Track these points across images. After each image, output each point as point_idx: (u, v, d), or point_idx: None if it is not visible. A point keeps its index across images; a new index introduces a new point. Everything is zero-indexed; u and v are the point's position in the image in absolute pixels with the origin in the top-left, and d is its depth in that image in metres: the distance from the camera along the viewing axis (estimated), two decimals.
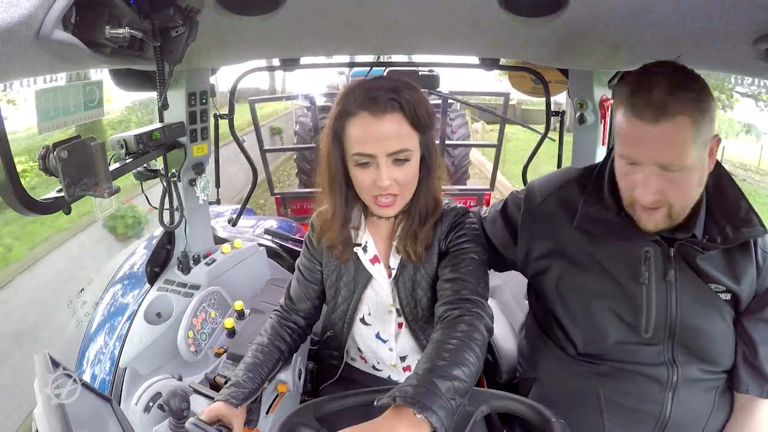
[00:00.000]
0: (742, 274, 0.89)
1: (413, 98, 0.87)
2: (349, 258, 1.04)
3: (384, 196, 0.90)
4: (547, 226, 1.00)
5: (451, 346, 0.77)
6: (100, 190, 0.74)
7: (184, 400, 0.90)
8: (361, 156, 0.87)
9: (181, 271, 1.41)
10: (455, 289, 0.91)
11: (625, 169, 0.85)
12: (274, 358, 1.02)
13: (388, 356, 1.10)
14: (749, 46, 0.76)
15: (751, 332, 0.91)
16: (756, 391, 0.92)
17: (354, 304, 1.06)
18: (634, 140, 0.80)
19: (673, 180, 0.80)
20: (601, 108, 1.52)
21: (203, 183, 1.44)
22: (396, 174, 0.88)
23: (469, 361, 0.75)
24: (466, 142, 5.57)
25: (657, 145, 0.78)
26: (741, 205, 0.88)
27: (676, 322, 0.90)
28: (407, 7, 1.01)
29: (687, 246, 0.88)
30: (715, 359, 0.92)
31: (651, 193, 0.81)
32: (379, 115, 0.85)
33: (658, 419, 0.92)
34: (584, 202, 0.94)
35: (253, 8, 0.97)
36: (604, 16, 0.97)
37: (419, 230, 0.97)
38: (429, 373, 0.71)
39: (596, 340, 0.95)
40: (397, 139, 0.86)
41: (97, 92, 1.07)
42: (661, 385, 0.92)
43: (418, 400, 0.67)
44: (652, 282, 0.90)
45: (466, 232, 0.98)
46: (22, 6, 0.44)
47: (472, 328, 0.82)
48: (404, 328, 1.07)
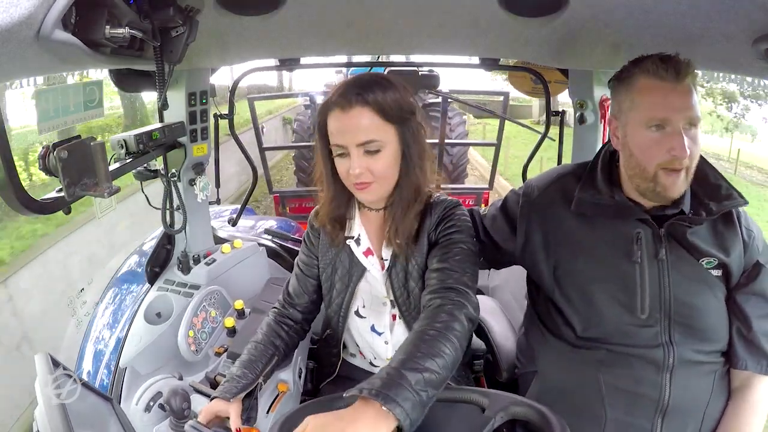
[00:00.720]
0: (730, 247, 0.94)
1: (381, 92, 0.92)
2: (342, 242, 1.06)
3: (358, 183, 0.94)
4: (544, 215, 1.05)
5: (429, 336, 0.79)
6: (100, 190, 0.74)
7: (185, 400, 0.91)
8: (336, 147, 0.94)
9: (181, 271, 1.41)
10: (441, 278, 0.92)
11: (652, 137, 0.89)
12: (268, 353, 1.03)
13: (384, 350, 1.11)
14: (749, 46, 0.76)
15: (743, 306, 0.95)
16: (754, 366, 0.95)
17: (348, 296, 1.08)
18: (664, 100, 0.86)
19: (694, 137, 0.86)
20: (601, 108, 1.52)
21: (203, 183, 1.44)
22: (369, 163, 0.92)
23: (445, 353, 0.76)
24: (465, 141, 5.56)
25: (686, 102, 0.85)
26: (722, 184, 0.95)
27: (670, 300, 0.93)
28: (407, 7, 1.01)
29: (676, 224, 0.93)
30: (711, 337, 0.95)
31: (687, 148, 0.85)
32: (347, 109, 0.91)
33: (658, 403, 0.94)
34: (580, 189, 1.00)
35: (253, 8, 0.97)
36: (604, 16, 0.97)
37: (401, 221, 0.99)
38: (401, 366, 0.72)
39: (594, 324, 0.98)
40: (365, 130, 0.91)
41: (97, 92, 1.07)
42: (658, 368, 0.93)
43: (383, 392, 0.68)
44: (644, 261, 0.94)
45: (455, 223, 1.00)
46: (22, 6, 0.44)
47: (452, 318, 0.83)
48: (398, 319, 1.08)
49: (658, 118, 0.87)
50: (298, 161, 5.71)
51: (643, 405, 0.95)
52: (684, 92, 0.85)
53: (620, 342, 0.96)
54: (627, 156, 0.95)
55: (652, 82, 0.87)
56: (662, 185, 0.90)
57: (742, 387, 0.97)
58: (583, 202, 0.99)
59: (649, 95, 0.87)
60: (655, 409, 0.94)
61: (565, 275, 1.01)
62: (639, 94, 0.89)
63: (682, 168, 0.87)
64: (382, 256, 1.05)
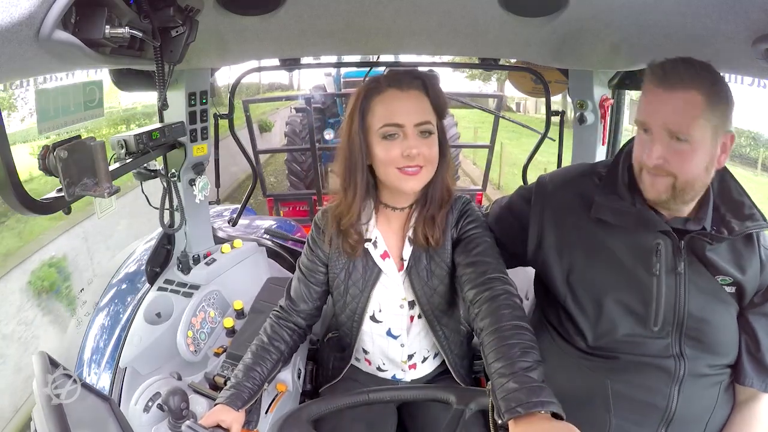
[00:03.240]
0: (746, 267, 0.93)
1: (434, 82, 0.97)
2: (360, 251, 1.04)
3: (411, 167, 0.93)
4: (559, 215, 1.02)
5: (509, 332, 0.81)
6: (100, 190, 0.74)
7: (184, 400, 0.91)
8: (390, 127, 0.93)
9: (180, 271, 1.41)
10: (479, 271, 0.94)
11: (640, 138, 0.89)
12: (273, 359, 1.02)
13: (399, 353, 1.10)
14: (749, 46, 0.76)
15: (754, 326, 0.94)
16: (760, 385, 0.95)
17: (363, 302, 1.06)
18: (648, 105, 0.86)
19: (679, 151, 0.84)
20: (601, 108, 1.52)
21: (202, 183, 1.44)
22: (422, 146, 0.93)
23: (527, 340, 0.81)
24: (458, 144, 5.61)
25: (666, 111, 0.83)
26: (745, 202, 0.93)
27: (684, 314, 0.92)
28: (407, 7, 1.01)
29: (696, 239, 0.91)
30: (721, 352, 0.94)
31: (655, 156, 0.85)
32: (405, 89, 0.94)
33: (664, 413, 0.93)
34: (600, 193, 0.97)
35: (253, 8, 0.97)
36: (604, 16, 0.97)
37: (437, 214, 1.00)
38: (518, 371, 0.75)
39: (606, 334, 0.96)
40: (422, 112, 0.94)
41: (97, 92, 1.07)
42: (669, 378, 0.93)
43: (533, 401, 0.70)
44: (662, 273, 0.92)
45: (474, 218, 1.03)
46: (22, 6, 0.44)
47: (511, 307, 0.86)
48: (417, 320, 1.08)
49: (640, 121, 0.88)
50: (290, 164, 5.70)
51: (649, 414, 0.94)
52: (671, 101, 0.82)
53: (630, 351, 0.95)
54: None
55: (648, 87, 0.86)
56: (644, 184, 0.90)
57: (748, 401, 0.97)
58: (602, 207, 0.96)
59: (642, 98, 0.88)
60: (661, 419, 0.94)
61: (579, 281, 0.98)
62: (642, 93, 0.90)
63: (659, 174, 0.86)
64: (402, 257, 1.04)
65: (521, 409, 0.69)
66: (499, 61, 1.65)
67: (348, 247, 1.04)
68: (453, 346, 1.11)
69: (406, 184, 0.95)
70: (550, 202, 1.04)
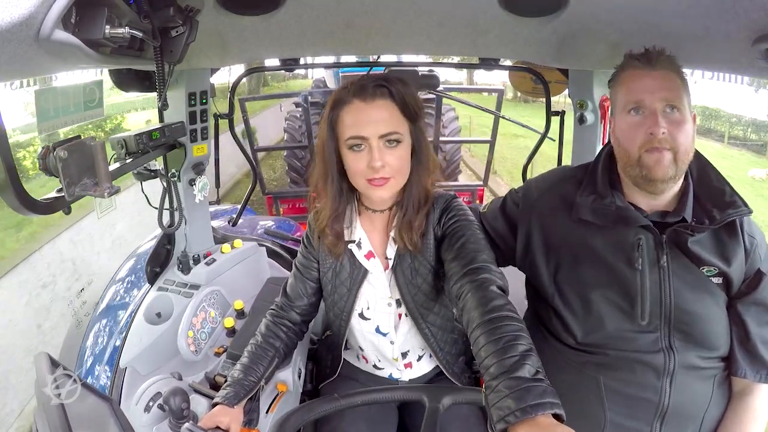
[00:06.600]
0: (731, 256, 0.93)
1: (402, 88, 0.94)
2: (342, 251, 1.06)
3: (377, 179, 0.93)
4: (544, 220, 1.04)
5: (492, 326, 0.74)
6: (100, 190, 0.74)
7: (184, 400, 0.91)
8: (354, 139, 0.92)
9: (181, 271, 1.41)
10: (461, 264, 0.92)
11: (631, 121, 0.91)
12: (269, 356, 1.04)
13: (389, 350, 1.11)
14: (749, 46, 0.76)
15: (743, 315, 0.95)
16: (753, 375, 0.95)
17: (351, 300, 1.08)
18: (638, 84, 0.90)
19: (676, 122, 0.88)
20: (601, 108, 1.52)
21: (202, 183, 1.44)
22: (388, 157, 0.92)
23: (518, 327, 0.73)
24: (459, 139, 5.57)
25: (659, 84, 0.88)
26: (725, 190, 0.94)
27: (670, 307, 0.93)
28: (407, 7, 1.01)
29: (677, 231, 0.92)
30: (711, 344, 0.94)
31: (661, 126, 0.87)
32: (369, 100, 0.92)
33: (658, 407, 0.94)
34: (580, 194, 1.00)
35: (253, 8, 0.97)
36: (604, 16, 0.97)
37: (414, 218, 1.00)
38: (505, 371, 0.68)
39: (595, 330, 0.98)
40: (388, 122, 0.92)
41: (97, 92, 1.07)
42: (659, 373, 0.93)
43: (524, 407, 0.63)
44: (645, 268, 0.93)
45: (455, 213, 1.01)
46: (22, 6, 0.44)
47: (494, 296, 0.80)
48: (404, 318, 1.08)
49: (633, 101, 0.90)
50: (289, 161, 5.70)
51: (643, 408, 0.95)
52: (658, 77, 0.88)
53: (620, 347, 0.96)
54: (617, 147, 0.96)
55: (629, 72, 0.92)
56: (646, 166, 0.89)
57: (743, 393, 0.97)
58: (583, 207, 0.98)
59: (626, 83, 0.92)
60: (655, 413, 0.94)
61: (565, 281, 1.01)
62: (620, 85, 0.93)
63: (663, 148, 0.87)
64: (387, 256, 1.05)
65: (511, 418, 0.63)
66: (499, 61, 1.65)
67: (327, 248, 1.06)
68: (443, 344, 1.11)
69: (375, 194, 0.96)
70: (535, 207, 1.07)
